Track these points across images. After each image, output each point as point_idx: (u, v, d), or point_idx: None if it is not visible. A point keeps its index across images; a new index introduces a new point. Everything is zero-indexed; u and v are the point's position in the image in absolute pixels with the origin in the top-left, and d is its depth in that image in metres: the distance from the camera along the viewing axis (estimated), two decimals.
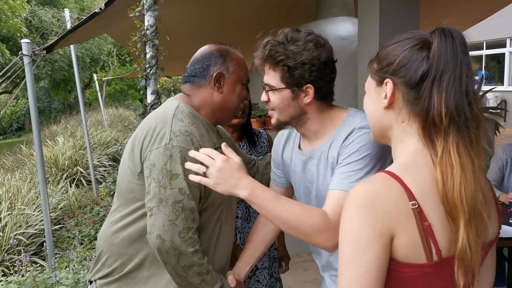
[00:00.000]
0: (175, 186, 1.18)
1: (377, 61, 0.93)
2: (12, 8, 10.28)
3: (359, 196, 0.80)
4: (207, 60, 1.36)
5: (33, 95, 3.06)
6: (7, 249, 3.80)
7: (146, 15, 3.04)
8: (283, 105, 1.22)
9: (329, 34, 4.06)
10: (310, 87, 1.18)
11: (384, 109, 0.90)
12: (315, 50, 1.15)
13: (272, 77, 1.21)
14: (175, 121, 1.25)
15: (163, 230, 1.16)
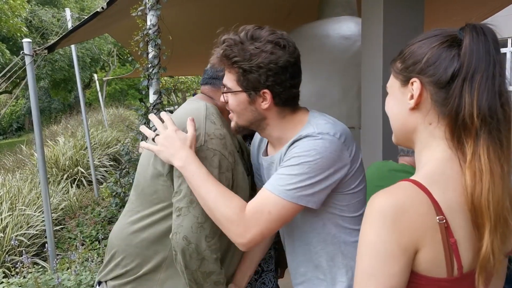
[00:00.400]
0: None
1: (401, 60, 0.88)
2: (13, 7, 10.26)
3: (384, 207, 0.75)
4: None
5: (34, 95, 3.03)
6: (8, 250, 3.77)
7: (148, 15, 3.02)
8: (239, 108, 1.15)
9: (332, 34, 4.04)
10: (267, 92, 1.10)
11: (409, 110, 0.86)
12: (274, 53, 1.07)
13: (229, 78, 1.14)
14: (208, 123, 1.22)
15: (191, 232, 1.13)
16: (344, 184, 1.10)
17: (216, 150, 1.17)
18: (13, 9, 10.30)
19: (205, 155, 1.16)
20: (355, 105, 3.72)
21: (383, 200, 0.77)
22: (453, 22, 6.25)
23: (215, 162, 1.16)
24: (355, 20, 4.15)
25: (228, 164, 1.19)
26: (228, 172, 1.19)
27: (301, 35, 4.12)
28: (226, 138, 1.21)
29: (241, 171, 1.26)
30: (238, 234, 1.04)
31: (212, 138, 1.19)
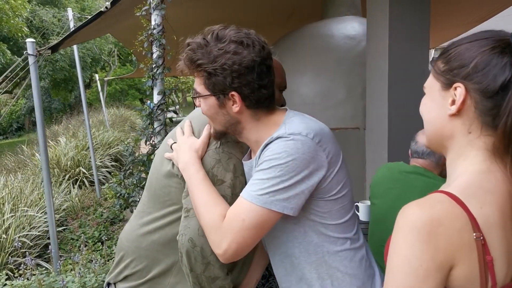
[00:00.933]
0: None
1: (444, 60, 0.81)
2: (13, 7, 10.23)
3: (419, 220, 0.71)
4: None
5: (38, 95, 3.01)
6: (10, 252, 3.75)
7: (153, 14, 3.00)
8: (210, 113, 1.11)
9: (337, 34, 4.02)
10: (235, 95, 1.05)
11: (449, 116, 0.80)
12: (237, 53, 1.02)
13: (197, 82, 1.09)
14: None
15: (197, 234, 1.10)
16: (323, 189, 1.04)
17: (232, 154, 1.16)
18: (14, 9, 10.28)
19: (220, 158, 1.15)
20: (360, 106, 3.70)
21: (417, 212, 0.72)
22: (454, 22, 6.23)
23: (230, 166, 1.15)
24: (360, 20, 4.13)
25: (243, 168, 1.17)
26: (242, 176, 1.17)
27: (305, 35, 4.11)
28: (242, 142, 1.19)
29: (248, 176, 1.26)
30: (216, 244, 1.01)
31: (228, 141, 1.17)
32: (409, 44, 3.15)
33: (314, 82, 3.83)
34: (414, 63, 3.20)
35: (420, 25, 3.20)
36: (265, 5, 4.43)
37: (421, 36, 3.20)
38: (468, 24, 6.66)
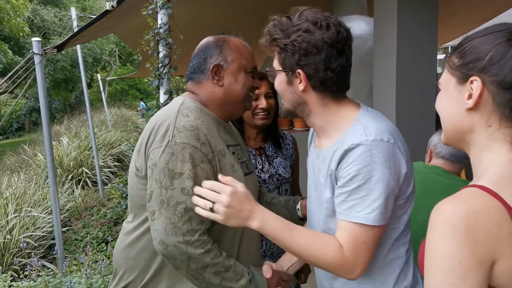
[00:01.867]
0: (177, 186, 1.10)
1: (459, 54, 0.81)
2: (15, 7, 10.20)
3: (454, 216, 0.69)
4: (203, 53, 1.28)
5: (44, 95, 2.99)
6: (15, 253, 3.72)
7: (159, 13, 2.98)
8: (280, 88, 1.13)
9: None
10: (301, 73, 1.05)
11: (466, 110, 0.79)
12: (309, 31, 1.01)
13: (274, 59, 1.12)
14: (180, 116, 1.17)
15: (165, 234, 1.08)
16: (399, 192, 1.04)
17: (185, 143, 1.12)
18: (16, 8, 10.25)
19: (173, 151, 1.11)
20: (367, 105, 3.67)
21: (451, 208, 0.70)
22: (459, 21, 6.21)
23: (186, 156, 1.11)
24: (366, 19, 4.11)
25: (202, 155, 1.13)
26: (204, 163, 1.14)
27: None
28: (200, 129, 1.16)
29: (229, 163, 1.21)
30: (347, 272, 1.02)
31: (180, 131, 1.14)
32: (417, 44, 3.12)
33: None
34: (422, 62, 3.17)
35: (428, 24, 3.18)
36: (270, 4, 4.40)
37: (429, 35, 3.18)
38: (474, 23, 6.64)
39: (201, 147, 1.13)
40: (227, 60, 1.26)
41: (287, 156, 1.80)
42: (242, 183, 1.14)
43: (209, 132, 1.18)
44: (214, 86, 1.26)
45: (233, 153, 1.29)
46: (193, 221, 1.10)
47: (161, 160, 1.11)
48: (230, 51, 1.27)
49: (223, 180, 1.10)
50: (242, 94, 1.28)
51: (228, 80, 1.26)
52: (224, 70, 1.26)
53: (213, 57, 1.26)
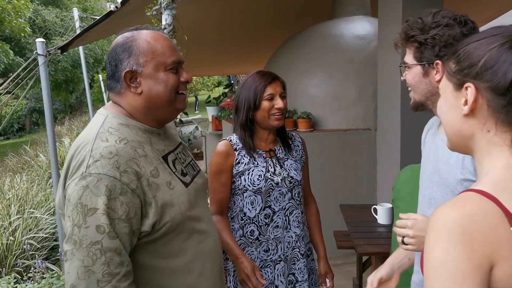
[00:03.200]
0: (91, 224, 0.96)
1: (455, 60, 0.80)
2: (16, 7, 10.19)
3: (450, 220, 0.69)
4: (113, 59, 1.12)
5: (48, 95, 2.97)
6: (18, 254, 3.71)
7: (163, 14, 2.96)
8: (414, 82, 1.21)
9: (346, 33, 3.98)
10: (439, 64, 1.15)
11: (463, 116, 0.79)
12: (449, 26, 1.13)
13: (407, 54, 1.21)
14: (98, 142, 1.04)
15: (77, 279, 0.94)
16: None
17: (101, 174, 0.98)
18: (17, 9, 10.24)
19: (87, 184, 0.98)
20: (371, 107, 3.66)
21: (447, 213, 0.70)
22: None
23: (101, 189, 0.97)
24: (370, 20, 4.10)
25: (122, 186, 0.99)
26: (123, 195, 1.00)
27: (314, 34, 4.07)
28: (121, 154, 1.02)
29: (165, 182, 1.09)
30: None
31: (96, 159, 1.00)
32: None
33: (324, 83, 3.79)
34: None
35: None
36: (273, 5, 4.39)
37: None
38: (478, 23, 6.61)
39: (121, 177, 1.00)
40: (140, 63, 1.10)
41: (297, 158, 1.76)
42: (183, 198, 1.10)
43: (135, 153, 1.05)
44: (133, 95, 1.12)
45: (174, 160, 1.18)
46: (111, 264, 0.96)
47: (74, 195, 0.98)
48: (141, 52, 1.10)
49: (403, 217, 1.17)
50: (167, 96, 1.12)
51: (147, 85, 1.10)
52: (139, 75, 1.10)
53: (124, 63, 1.10)
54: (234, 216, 1.65)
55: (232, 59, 7.13)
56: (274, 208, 1.65)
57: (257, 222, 1.64)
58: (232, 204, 1.66)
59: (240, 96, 1.63)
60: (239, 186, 1.62)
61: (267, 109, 1.58)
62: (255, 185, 1.61)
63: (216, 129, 5.27)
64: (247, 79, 1.65)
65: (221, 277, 1.28)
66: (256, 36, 5.24)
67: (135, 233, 1.02)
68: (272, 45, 4.57)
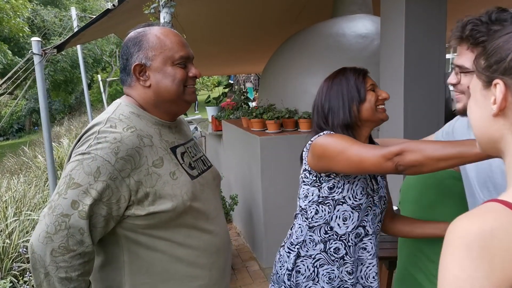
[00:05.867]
0: (69, 197, 1.01)
1: (484, 56, 0.75)
2: (14, 7, 10.13)
3: (469, 234, 0.62)
4: (125, 52, 1.17)
5: (43, 95, 2.91)
6: (14, 257, 3.64)
7: (162, 12, 2.90)
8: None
9: (348, 32, 3.92)
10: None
11: (492, 116, 0.73)
12: None
13: (468, 58, 1.10)
14: (107, 126, 1.09)
15: (37, 240, 1.01)
16: None
17: (98, 155, 1.03)
18: (15, 8, 10.18)
19: (82, 160, 1.03)
20: None
21: (466, 225, 0.63)
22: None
23: (92, 168, 1.03)
24: (372, 18, 4.04)
25: (114, 171, 1.04)
26: (112, 180, 1.04)
27: (316, 33, 4.01)
28: (124, 142, 1.06)
29: (168, 172, 1.12)
30: None
31: (99, 142, 1.06)
32: (425, 43, 3.05)
33: None
34: (431, 62, 3.10)
35: (437, 22, 3.11)
36: (274, 3, 4.33)
37: (438, 34, 3.11)
38: None
39: (116, 163, 1.04)
40: (149, 56, 1.14)
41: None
42: (186, 189, 1.12)
43: (140, 142, 1.09)
44: (142, 88, 1.17)
45: (183, 153, 1.21)
46: (70, 240, 1.01)
47: (69, 166, 1.05)
48: (150, 46, 1.14)
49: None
50: (175, 90, 1.16)
51: (155, 79, 1.15)
52: (148, 68, 1.15)
53: (134, 57, 1.15)
54: (315, 227, 1.40)
55: (232, 58, 7.07)
56: (368, 230, 1.41)
57: (345, 240, 1.39)
58: (313, 212, 1.39)
59: (332, 94, 1.41)
60: (334, 196, 1.35)
61: (374, 100, 1.40)
62: (356, 199, 1.35)
63: (216, 130, 5.20)
64: (336, 76, 1.45)
65: (224, 277, 1.29)
66: (256, 35, 5.18)
67: (114, 218, 1.06)
68: (273, 44, 4.51)
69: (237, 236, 4.32)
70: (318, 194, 1.37)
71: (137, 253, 1.12)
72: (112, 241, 1.12)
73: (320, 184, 1.36)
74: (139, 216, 1.08)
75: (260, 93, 4.50)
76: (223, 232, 1.27)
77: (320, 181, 1.36)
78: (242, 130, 3.86)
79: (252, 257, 3.80)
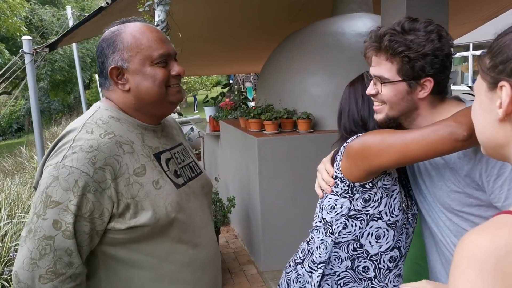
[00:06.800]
0: (49, 217, 0.93)
1: (489, 55, 0.68)
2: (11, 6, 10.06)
3: (482, 252, 0.56)
4: (100, 55, 1.09)
5: (34, 95, 2.84)
6: (6, 262, 3.57)
7: (156, 10, 2.84)
8: (396, 99, 1.12)
9: (348, 31, 3.85)
10: (429, 81, 1.09)
11: (498, 121, 0.67)
12: (439, 42, 1.07)
13: (387, 68, 1.11)
14: (82, 132, 1.01)
15: (22, 268, 0.93)
16: None
17: (74, 168, 0.95)
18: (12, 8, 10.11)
19: (58, 174, 0.95)
20: None
21: (477, 241, 0.57)
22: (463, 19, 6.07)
23: (70, 183, 0.94)
24: (372, 17, 3.97)
25: (93, 183, 0.95)
26: (91, 193, 0.96)
27: (315, 32, 3.94)
28: (101, 150, 0.98)
29: (150, 182, 1.03)
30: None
31: (75, 152, 0.97)
32: None
33: (325, 82, 3.66)
34: None
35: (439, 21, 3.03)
36: (273, 2, 4.25)
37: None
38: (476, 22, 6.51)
39: (94, 174, 0.96)
40: (125, 58, 1.05)
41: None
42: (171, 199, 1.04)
43: (119, 149, 1.00)
44: (122, 92, 1.08)
45: (169, 159, 1.12)
46: (58, 263, 0.93)
47: (43, 182, 0.96)
48: (125, 46, 1.05)
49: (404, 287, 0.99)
50: (157, 92, 1.07)
51: (134, 82, 1.06)
52: (125, 71, 1.06)
53: (109, 59, 1.06)
54: (342, 243, 1.25)
55: (231, 58, 7.00)
56: (402, 251, 1.27)
57: (376, 261, 1.25)
58: (340, 227, 1.24)
59: (359, 103, 1.30)
60: (369, 210, 1.21)
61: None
62: (393, 215, 1.21)
63: (214, 130, 5.12)
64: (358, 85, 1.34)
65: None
66: (255, 34, 5.11)
67: (98, 233, 0.99)
68: (272, 43, 4.44)
69: (235, 239, 4.25)
70: (349, 207, 1.22)
71: (115, 270, 1.04)
72: (88, 256, 1.03)
73: (352, 195, 1.21)
74: (119, 230, 1.00)
75: (258, 93, 4.42)
76: (210, 245, 1.18)
77: (353, 192, 1.21)
78: (240, 131, 3.79)
79: (250, 261, 3.72)
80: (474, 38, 10.86)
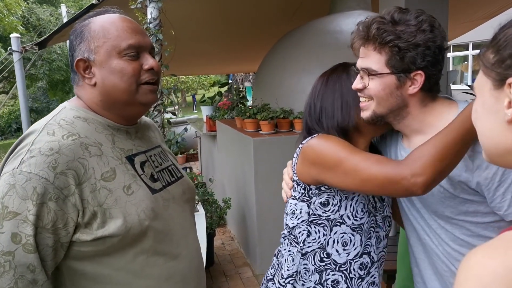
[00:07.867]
0: (6, 230, 0.83)
1: (494, 49, 0.60)
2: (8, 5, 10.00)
3: (489, 275, 0.50)
4: (70, 48, 1.00)
5: (23, 94, 2.77)
6: None
7: (149, 7, 2.77)
8: (384, 93, 1.03)
9: (346, 29, 3.78)
10: (420, 74, 1.00)
11: (507, 123, 0.59)
12: (431, 32, 0.99)
13: (375, 60, 1.02)
14: (42, 134, 0.91)
15: None
16: None
17: (32, 173, 0.85)
18: (9, 6, 10.04)
19: (15, 182, 0.85)
20: None
21: (484, 261, 0.50)
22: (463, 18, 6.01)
23: (29, 191, 0.84)
24: (370, 15, 3.90)
25: (54, 190, 0.86)
26: (53, 201, 0.86)
27: (312, 30, 3.87)
28: (63, 152, 0.88)
29: (121, 187, 0.94)
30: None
31: (33, 156, 0.87)
32: None
33: None
34: None
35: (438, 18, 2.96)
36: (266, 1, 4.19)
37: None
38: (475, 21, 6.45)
39: (55, 179, 0.86)
40: (91, 49, 0.96)
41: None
42: (144, 206, 0.94)
43: (84, 152, 0.91)
44: (89, 87, 0.99)
45: (144, 162, 1.02)
46: (20, 281, 0.83)
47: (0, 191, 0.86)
48: (92, 36, 0.96)
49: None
50: (125, 89, 0.97)
51: (101, 75, 0.97)
52: (92, 63, 0.97)
53: (76, 51, 0.97)
54: (308, 254, 1.16)
55: (228, 57, 6.93)
56: (373, 257, 1.18)
57: (347, 271, 1.15)
58: (304, 235, 1.15)
59: (328, 92, 1.21)
60: (329, 215, 1.12)
61: None
62: (356, 219, 1.13)
63: (210, 130, 5.06)
64: (334, 71, 1.27)
65: None
66: (252, 32, 5.05)
67: (63, 245, 0.89)
68: (269, 42, 4.37)
69: (231, 241, 4.18)
70: (308, 211, 1.14)
71: (83, 287, 0.94)
72: (52, 272, 0.92)
73: (309, 198, 1.13)
74: (85, 241, 0.90)
75: (255, 92, 4.36)
76: (192, 255, 1.08)
77: (309, 195, 1.13)
78: (236, 131, 3.72)
79: (246, 263, 3.65)
80: (474, 37, 10.80)
